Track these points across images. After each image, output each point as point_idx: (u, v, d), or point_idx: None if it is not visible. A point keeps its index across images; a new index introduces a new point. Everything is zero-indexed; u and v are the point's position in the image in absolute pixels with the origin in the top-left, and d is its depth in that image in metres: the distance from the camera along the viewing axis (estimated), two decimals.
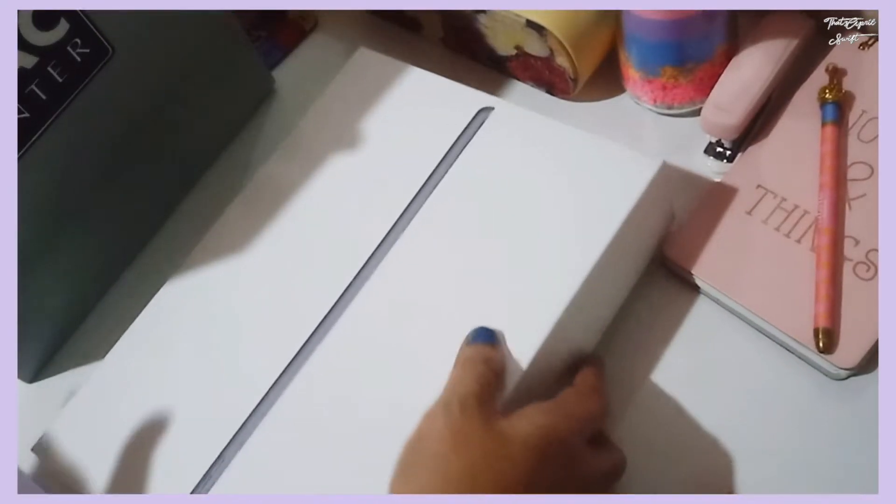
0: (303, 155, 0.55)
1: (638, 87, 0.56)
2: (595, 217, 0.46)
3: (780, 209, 0.50)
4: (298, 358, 0.48)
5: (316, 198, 0.53)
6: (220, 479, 0.46)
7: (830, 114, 0.51)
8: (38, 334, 0.58)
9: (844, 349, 0.46)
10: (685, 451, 0.48)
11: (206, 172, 0.64)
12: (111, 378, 0.52)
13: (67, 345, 0.60)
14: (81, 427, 0.51)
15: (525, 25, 0.55)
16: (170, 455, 0.48)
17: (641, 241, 0.50)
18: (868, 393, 0.47)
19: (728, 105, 0.52)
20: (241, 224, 0.54)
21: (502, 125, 0.51)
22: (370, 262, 0.49)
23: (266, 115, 0.66)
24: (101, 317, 0.60)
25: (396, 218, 0.50)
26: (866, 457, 0.45)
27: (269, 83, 0.66)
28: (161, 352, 0.52)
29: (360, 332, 0.48)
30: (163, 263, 0.58)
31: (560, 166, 0.49)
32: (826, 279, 0.47)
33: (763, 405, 0.48)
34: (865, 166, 0.50)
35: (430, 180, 0.51)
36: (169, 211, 0.63)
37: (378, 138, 0.54)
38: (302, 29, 0.69)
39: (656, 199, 0.48)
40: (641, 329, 0.51)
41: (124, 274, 0.62)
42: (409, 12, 0.63)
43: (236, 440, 0.47)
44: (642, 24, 0.52)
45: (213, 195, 0.62)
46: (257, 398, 0.48)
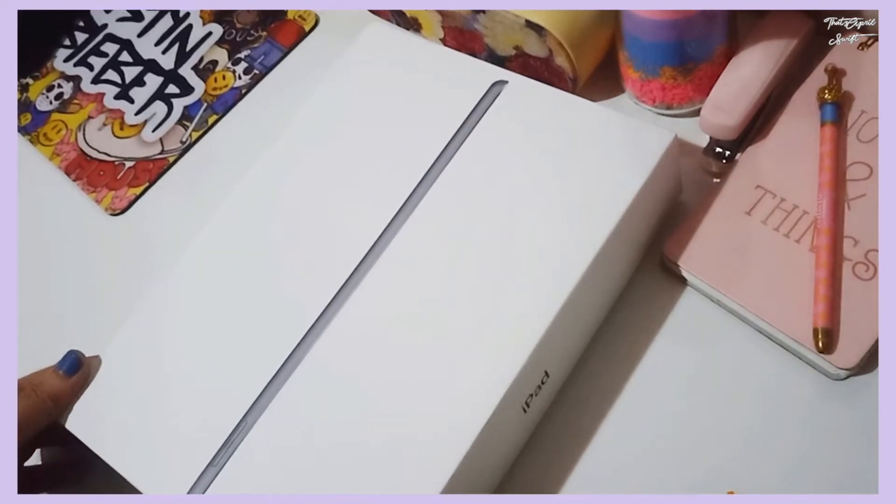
0: (315, 127, 0.55)
1: (637, 87, 0.56)
2: (609, 188, 0.47)
3: (779, 209, 0.50)
4: (304, 343, 0.48)
5: (327, 173, 0.53)
6: (216, 480, 0.47)
7: (830, 114, 0.51)
8: None
9: (844, 349, 0.46)
10: (685, 451, 0.48)
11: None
12: (110, 371, 0.52)
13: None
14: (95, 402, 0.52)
15: (524, 26, 0.55)
16: (169, 450, 0.48)
17: (651, 216, 0.51)
18: (868, 393, 0.47)
19: (727, 105, 0.52)
20: (251, 202, 0.54)
21: (516, 98, 0.52)
22: (382, 238, 0.50)
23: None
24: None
25: (410, 192, 0.51)
26: (866, 457, 0.45)
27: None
28: (160, 344, 0.52)
29: (371, 311, 0.48)
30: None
31: (574, 138, 0.49)
32: (825, 279, 0.47)
33: (763, 405, 0.48)
34: (865, 166, 0.50)
35: (444, 153, 0.51)
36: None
37: (391, 111, 0.54)
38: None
39: (668, 172, 0.49)
40: (640, 329, 0.51)
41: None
42: (409, 12, 0.63)
43: (233, 440, 0.47)
44: (642, 24, 0.52)
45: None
46: (261, 386, 0.48)
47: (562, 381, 0.50)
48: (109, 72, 0.72)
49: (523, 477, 0.49)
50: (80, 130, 0.70)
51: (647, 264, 0.53)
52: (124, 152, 0.68)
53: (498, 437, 0.46)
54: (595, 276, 0.46)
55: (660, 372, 0.50)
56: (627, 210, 0.47)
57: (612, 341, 0.51)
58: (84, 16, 0.75)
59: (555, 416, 0.50)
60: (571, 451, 0.49)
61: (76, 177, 0.68)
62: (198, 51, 0.71)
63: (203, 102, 0.68)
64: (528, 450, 0.50)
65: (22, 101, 0.73)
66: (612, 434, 0.49)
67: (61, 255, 0.65)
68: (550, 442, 0.50)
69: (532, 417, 0.49)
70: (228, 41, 0.71)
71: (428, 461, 0.43)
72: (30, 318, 0.62)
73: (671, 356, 0.50)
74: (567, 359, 0.50)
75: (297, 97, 0.58)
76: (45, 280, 0.64)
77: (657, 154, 0.47)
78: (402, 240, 0.49)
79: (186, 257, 0.54)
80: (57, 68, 0.73)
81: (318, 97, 0.57)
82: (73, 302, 0.63)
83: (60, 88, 0.72)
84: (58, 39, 0.75)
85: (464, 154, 0.51)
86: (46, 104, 0.72)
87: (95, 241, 0.65)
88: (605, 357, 0.51)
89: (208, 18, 0.72)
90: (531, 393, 0.46)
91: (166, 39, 0.72)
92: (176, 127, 0.68)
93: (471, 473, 0.44)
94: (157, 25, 0.73)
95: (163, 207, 0.65)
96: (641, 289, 0.52)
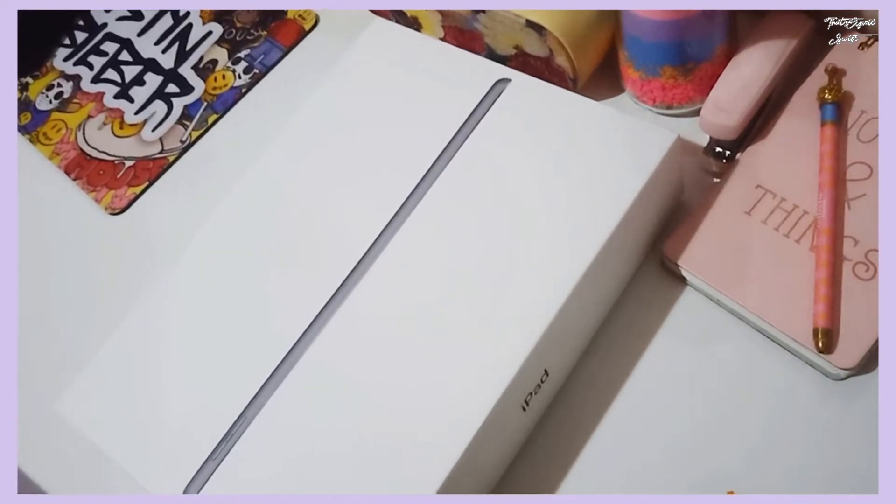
0: (317, 125, 0.55)
1: (637, 87, 0.56)
2: (611, 188, 0.47)
3: (779, 209, 0.50)
4: (303, 340, 0.48)
5: (328, 171, 0.53)
6: (215, 474, 0.47)
7: (830, 114, 0.51)
8: None
9: (844, 349, 0.46)
10: (684, 451, 0.48)
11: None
12: (112, 366, 0.52)
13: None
14: (97, 391, 0.52)
15: (524, 25, 0.55)
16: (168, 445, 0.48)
17: (652, 216, 0.51)
18: (868, 393, 0.47)
19: (727, 105, 0.52)
20: (251, 200, 0.54)
21: (519, 97, 0.52)
22: (382, 236, 0.50)
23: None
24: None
25: (411, 190, 0.51)
26: (866, 457, 0.45)
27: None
28: (161, 340, 0.52)
29: (371, 309, 0.48)
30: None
31: (577, 138, 0.49)
32: (825, 279, 0.47)
33: (763, 405, 0.48)
34: (865, 166, 0.50)
35: (446, 152, 0.51)
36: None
37: (393, 109, 0.54)
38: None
39: (670, 172, 0.49)
40: (640, 329, 0.51)
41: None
42: (410, 12, 0.63)
43: (232, 435, 0.47)
44: (642, 24, 0.52)
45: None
46: (260, 382, 0.48)
47: (561, 380, 0.50)
48: (109, 71, 0.72)
49: (522, 477, 0.49)
50: (79, 130, 0.70)
51: (647, 264, 0.53)
52: (124, 151, 0.68)
53: (496, 436, 0.46)
54: (596, 276, 0.46)
55: (659, 372, 0.50)
56: (629, 210, 0.47)
57: (612, 341, 0.51)
58: (84, 15, 0.75)
59: (554, 416, 0.50)
60: (571, 451, 0.49)
61: (76, 176, 0.68)
62: (198, 50, 0.71)
63: (203, 102, 0.68)
64: (527, 449, 0.50)
65: (22, 101, 0.72)
66: (611, 434, 0.49)
67: (61, 254, 0.65)
68: (549, 441, 0.50)
69: (531, 416, 0.49)
70: (228, 40, 0.71)
71: (426, 459, 0.43)
72: (30, 317, 0.62)
73: (671, 356, 0.50)
74: (567, 358, 0.50)
75: (297, 97, 0.58)
76: (45, 279, 0.64)
77: (659, 154, 0.47)
78: (403, 238, 0.49)
79: (187, 254, 0.54)
80: (57, 67, 0.73)
81: (321, 95, 0.57)
82: (73, 301, 0.63)
83: (60, 88, 0.72)
84: (58, 39, 0.75)
85: (466, 153, 0.51)
86: (46, 103, 0.72)
87: (95, 241, 0.65)
88: (605, 357, 0.51)
89: (208, 18, 0.72)
90: (531, 392, 0.46)
91: (166, 39, 0.72)
92: (176, 126, 0.68)
93: (469, 472, 0.44)
94: (157, 25, 0.73)
95: (162, 207, 0.65)
96: (641, 289, 0.52)
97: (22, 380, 0.59)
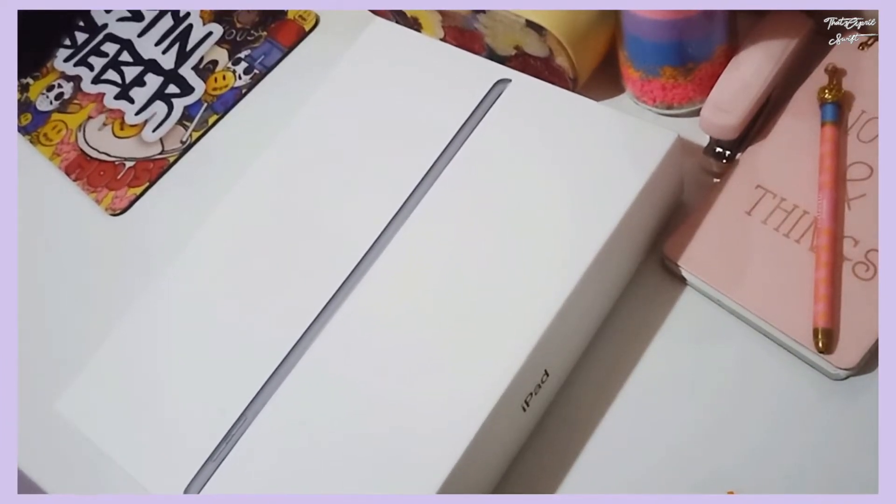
0: (317, 125, 0.55)
1: (637, 87, 0.56)
2: (611, 188, 0.47)
3: (779, 209, 0.50)
4: (304, 339, 0.48)
5: (329, 171, 0.53)
6: (216, 474, 0.47)
7: (830, 114, 0.51)
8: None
9: (844, 349, 0.46)
10: (685, 450, 0.48)
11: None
12: (111, 366, 0.52)
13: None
14: (96, 393, 0.52)
15: (524, 25, 0.55)
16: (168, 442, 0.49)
17: (652, 216, 0.51)
18: (868, 393, 0.47)
19: (728, 105, 0.52)
20: (252, 200, 0.54)
21: (520, 97, 0.52)
22: (383, 236, 0.50)
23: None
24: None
25: (411, 191, 0.51)
26: (866, 457, 0.45)
27: None
28: (161, 340, 0.52)
29: (371, 308, 0.48)
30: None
31: (577, 138, 0.49)
32: (825, 279, 0.47)
33: (763, 405, 0.48)
34: (865, 166, 0.50)
35: (446, 152, 0.51)
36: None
37: (394, 109, 0.54)
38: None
39: (670, 172, 0.49)
40: (639, 329, 0.51)
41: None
42: (410, 12, 0.63)
43: (232, 435, 0.47)
44: (642, 24, 0.52)
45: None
46: (261, 382, 0.48)
47: (561, 380, 0.50)
48: (109, 72, 0.72)
49: (522, 477, 0.49)
50: (80, 130, 0.70)
51: (647, 264, 0.53)
52: (124, 152, 0.68)
53: (496, 436, 0.46)
54: (596, 276, 0.46)
55: (660, 372, 0.50)
56: (629, 210, 0.47)
57: (612, 341, 0.51)
58: (84, 16, 0.75)
59: (554, 416, 0.50)
60: (571, 451, 0.49)
61: (76, 177, 0.68)
62: (198, 51, 0.71)
63: (203, 102, 0.68)
64: (527, 449, 0.50)
65: (22, 101, 0.73)
66: (611, 434, 0.49)
67: (61, 255, 0.65)
68: (549, 441, 0.50)
69: (531, 416, 0.49)
70: (229, 41, 0.71)
71: (426, 459, 0.43)
72: (30, 317, 0.62)
73: (671, 356, 0.50)
74: (567, 358, 0.50)
75: (297, 97, 0.58)
76: (46, 280, 0.64)
77: (660, 154, 0.47)
78: (403, 239, 0.49)
79: (187, 254, 0.54)
80: (57, 68, 0.73)
81: (321, 95, 0.57)
82: (74, 302, 0.63)
83: (60, 88, 0.72)
84: (58, 39, 0.75)
85: (466, 153, 0.51)
86: (46, 104, 0.72)
87: (95, 242, 0.65)
88: (605, 357, 0.51)
89: (208, 18, 0.72)
90: (531, 392, 0.46)
91: (166, 39, 0.72)
92: (176, 127, 0.68)
93: (468, 472, 0.44)
94: (158, 25, 0.73)
95: (163, 207, 0.65)
96: (641, 289, 0.52)
97: (22, 380, 0.59)
